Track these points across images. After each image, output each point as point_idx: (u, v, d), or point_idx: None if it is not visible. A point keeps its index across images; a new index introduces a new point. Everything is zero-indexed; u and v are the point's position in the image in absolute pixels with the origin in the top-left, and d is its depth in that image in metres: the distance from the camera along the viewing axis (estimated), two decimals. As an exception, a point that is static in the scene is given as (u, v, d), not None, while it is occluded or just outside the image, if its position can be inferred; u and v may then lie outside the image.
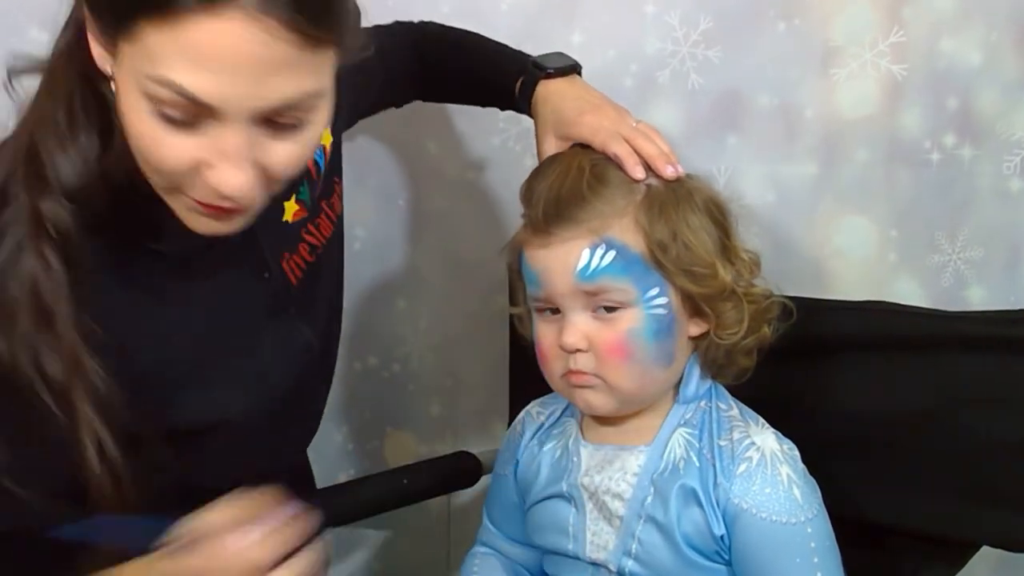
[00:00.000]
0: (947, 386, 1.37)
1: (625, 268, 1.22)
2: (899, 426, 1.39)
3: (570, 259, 1.22)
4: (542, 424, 1.42)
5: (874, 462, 1.41)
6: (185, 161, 1.04)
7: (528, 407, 1.46)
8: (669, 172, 1.27)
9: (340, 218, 1.43)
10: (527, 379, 1.36)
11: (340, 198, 1.43)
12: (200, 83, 0.98)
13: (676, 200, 1.25)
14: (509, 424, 1.50)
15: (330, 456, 1.95)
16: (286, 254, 1.32)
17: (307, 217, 1.34)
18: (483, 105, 1.59)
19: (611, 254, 1.22)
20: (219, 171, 1.03)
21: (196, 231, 1.12)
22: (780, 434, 1.28)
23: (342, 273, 1.49)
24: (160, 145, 1.03)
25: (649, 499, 1.27)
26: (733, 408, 1.31)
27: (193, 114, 1.01)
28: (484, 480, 1.68)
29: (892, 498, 1.40)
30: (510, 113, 1.58)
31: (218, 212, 1.09)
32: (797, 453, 1.27)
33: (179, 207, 1.11)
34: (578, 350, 1.24)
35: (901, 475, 1.40)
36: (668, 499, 1.25)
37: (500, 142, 1.82)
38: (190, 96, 0.98)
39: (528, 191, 1.28)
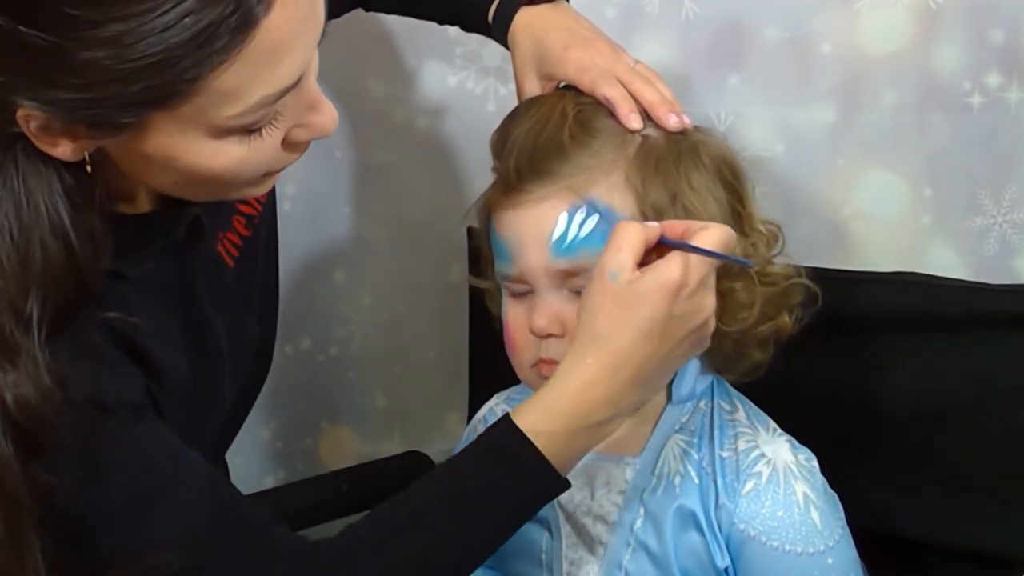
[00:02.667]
0: (991, 373, 1.38)
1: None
2: (932, 420, 1.40)
3: (544, 225, 1.20)
4: (509, 424, 1.42)
5: (902, 464, 1.43)
6: (276, 147, 1.10)
7: (490, 402, 1.45)
8: (672, 122, 1.25)
9: None
10: (490, 365, 1.35)
11: None
12: (288, 72, 1.03)
13: (677, 155, 1.23)
14: (469, 419, 1.50)
15: (255, 456, 1.95)
16: (220, 234, 1.31)
17: None
18: (440, 22, 1.56)
19: (593, 220, 1.19)
20: (321, 115, 1.11)
21: (255, 195, 1.22)
22: (795, 441, 1.27)
23: (276, 240, 1.49)
24: (254, 156, 1.08)
25: (639, 522, 1.26)
26: (738, 410, 1.30)
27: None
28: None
29: (923, 506, 1.42)
30: (469, 48, 1.59)
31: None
32: (815, 464, 1.26)
33: (235, 196, 1.21)
34: (550, 335, 1.22)
35: (934, 479, 1.41)
36: (662, 523, 1.24)
37: (457, 83, 1.80)
38: (283, 93, 1.04)
39: (500, 139, 1.26)
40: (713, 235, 1.12)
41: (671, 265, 1.11)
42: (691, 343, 1.16)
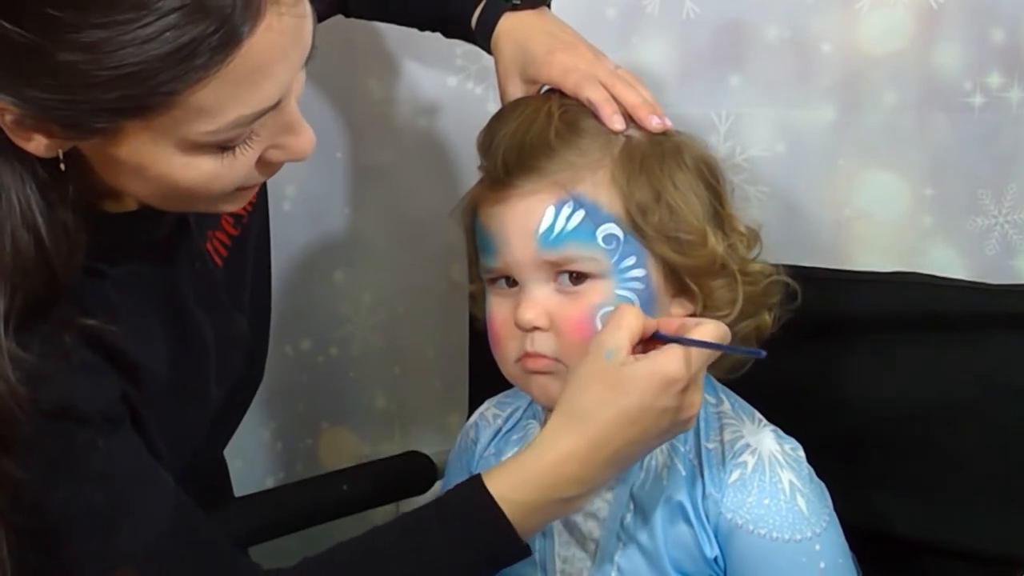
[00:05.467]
0: (991, 373, 1.38)
1: (595, 233, 1.22)
2: (934, 421, 1.41)
3: (531, 219, 1.23)
4: (499, 429, 1.42)
5: (903, 465, 1.43)
6: (250, 165, 1.10)
7: (482, 408, 1.47)
8: (654, 123, 1.27)
9: None
10: (490, 365, 1.34)
11: None
12: (268, 94, 1.03)
13: (661, 155, 1.26)
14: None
15: (255, 457, 1.95)
16: (208, 232, 1.33)
17: None
18: (421, 28, 1.58)
19: (579, 215, 1.22)
20: (298, 139, 1.12)
21: (229, 210, 1.22)
22: (781, 432, 1.28)
23: (268, 241, 1.50)
24: (226, 172, 1.08)
25: (629, 517, 1.27)
26: (723, 402, 1.31)
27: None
28: (439, 486, 1.67)
29: (922, 507, 1.42)
30: (468, 49, 1.57)
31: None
32: (801, 453, 1.26)
33: (207, 209, 1.19)
34: (536, 328, 1.23)
35: (935, 480, 1.41)
36: (652, 516, 1.26)
37: (457, 83, 1.82)
38: (261, 114, 1.04)
39: (487, 138, 1.28)
40: (709, 330, 1.14)
41: (670, 357, 1.13)
42: (671, 434, 1.18)
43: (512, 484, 1.16)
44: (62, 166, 1.05)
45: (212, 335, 1.31)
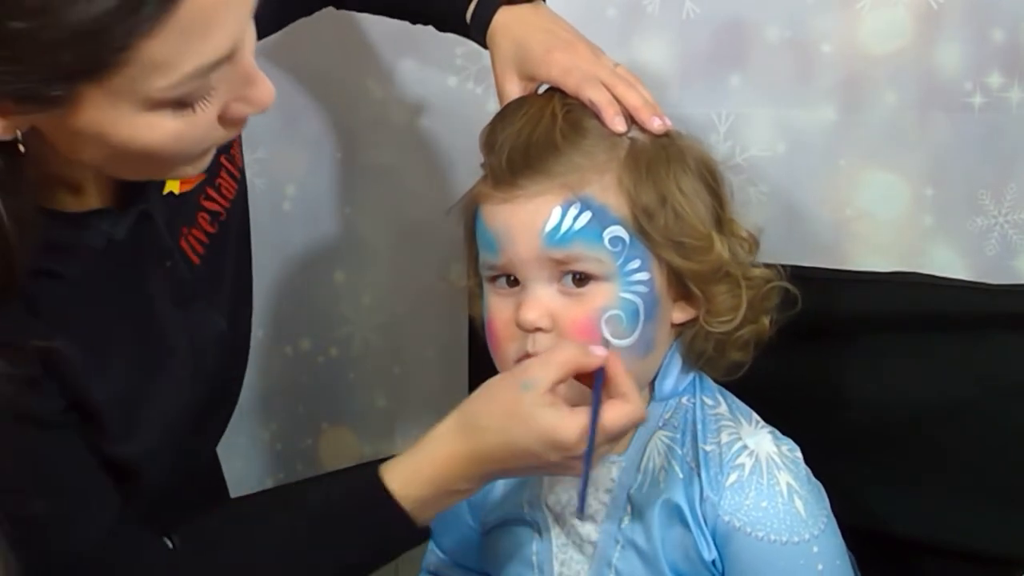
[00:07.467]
0: (991, 373, 1.38)
1: (602, 235, 1.22)
2: (933, 421, 1.41)
3: (537, 218, 1.22)
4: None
5: (903, 465, 1.43)
6: (214, 119, 1.08)
7: None
8: (656, 125, 1.28)
9: (243, 172, 1.43)
10: (490, 365, 1.34)
11: (240, 147, 1.43)
12: (219, 43, 1.02)
13: (666, 159, 1.26)
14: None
15: (255, 457, 1.94)
16: (184, 229, 1.32)
17: (203, 181, 1.34)
18: (413, 21, 1.57)
19: (586, 216, 1.22)
20: (258, 89, 1.10)
21: (192, 174, 1.20)
22: (777, 432, 1.29)
23: (249, 237, 1.51)
24: (189, 130, 1.07)
25: (626, 520, 1.27)
26: (721, 404, 1.31)
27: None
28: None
29: (922, 507, 1.43)
30: (468, 49, 1.59)
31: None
32: (799, 454, 1.27)
33: (171, 175, 1.21)
34: (539, 329, 1.23)
35: (935, 480, 1.42)
36: (650, 519, 1.26)
37: (457, 83, 1.82)
38: (216, 64, 1.02)
39: (490, 136, 1.28)
40: (624, 413, 1.16)
41: (571, 425, 1.15)
42: (548, 474, 1.26)
43: (407, 480, 1.20)
44: (21, 147, 1.04)
45: (186, 336, 1.30)
